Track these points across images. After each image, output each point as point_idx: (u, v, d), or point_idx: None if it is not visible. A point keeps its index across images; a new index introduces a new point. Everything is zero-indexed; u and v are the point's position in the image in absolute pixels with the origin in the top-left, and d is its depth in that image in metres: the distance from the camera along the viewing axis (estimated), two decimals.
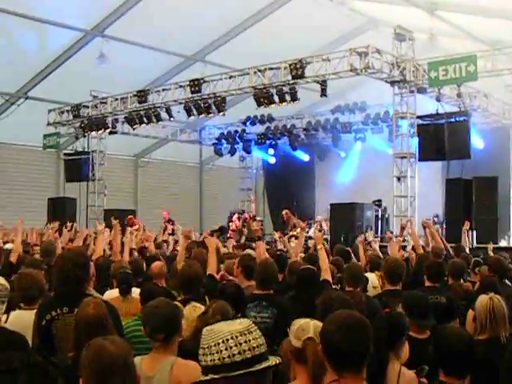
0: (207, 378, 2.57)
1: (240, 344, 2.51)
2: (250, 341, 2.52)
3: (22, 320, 5.70)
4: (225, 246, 14.19)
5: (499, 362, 4.77)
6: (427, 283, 8.00)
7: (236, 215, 30.62)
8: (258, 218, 30.36)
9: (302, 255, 11.09)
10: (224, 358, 2.52)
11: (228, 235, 24.80)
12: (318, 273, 7.74)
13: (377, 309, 6.66)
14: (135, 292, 7.59)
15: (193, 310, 6.00)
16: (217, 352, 2.53)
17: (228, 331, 2.55)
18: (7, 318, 5.70)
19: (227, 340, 2.53)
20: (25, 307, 6.02)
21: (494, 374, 4.72)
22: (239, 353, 2.50)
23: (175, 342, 4.56)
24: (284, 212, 27.42)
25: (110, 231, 11.96)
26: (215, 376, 2.54)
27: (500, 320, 5.65)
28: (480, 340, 5.64)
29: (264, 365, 2.53)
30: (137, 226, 18.24)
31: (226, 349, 2.52)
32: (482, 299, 5.80)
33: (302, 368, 3.97)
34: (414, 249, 11.53)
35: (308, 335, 3.99)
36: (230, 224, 29.92)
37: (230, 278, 8.58)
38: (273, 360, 2.57)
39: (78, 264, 5.51)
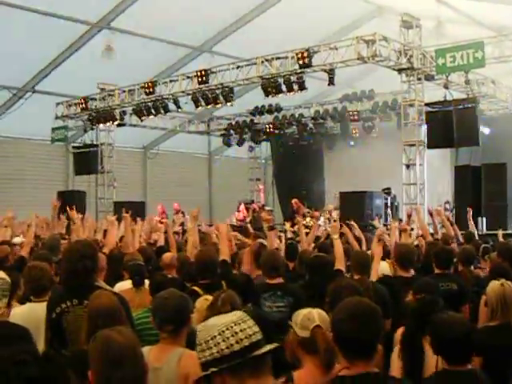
0: (207, 372, 2.57)
1: (236, 333, 2.52)
2: (245, 329, 2.54)
3: (35, 313, 5.71)
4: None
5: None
6: (437, 270, 7.98)
7: (242, 205, 30.54)
8: (267, 208, 30.38)
9: (313, 245, 11.08)
10: (223, 350, 2.53)
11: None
12: (330, 261, 7.74)
13: (384, 296, 6.65)
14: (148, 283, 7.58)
15: (204, 303, 6.01)
16: (215, 345, 2.54)
17: (222, 323, 2.56)
18: (9, 312, 5.72)
19: (223, 332, 2.55)
20: (35, 300, 6.01)
21: (507, 359, 4.73)
22: (237, 342, 2.51)
23: (184, 334, 4.52)
24: (293, 201, 27.36)
25: (119, 224, 11.94)
26: (215, 369, 2.55)
27: (511, 306, 5.62)
28: (492, 326, 5.66)
29: (263, 350, 2.54)
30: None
31: (224, 340, 2.53)
32: (494, 285, 5.76)
33: (311, 357, 3.99)
34: (423, 237, 11.52)
35: (315, 323, 4.01)
36: (237, 214, 29.87)
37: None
38: (270, 346, 2.59)
39: (87, 255, 5.49)
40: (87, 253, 5.55)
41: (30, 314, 5.77)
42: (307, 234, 11.61)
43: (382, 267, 7.85)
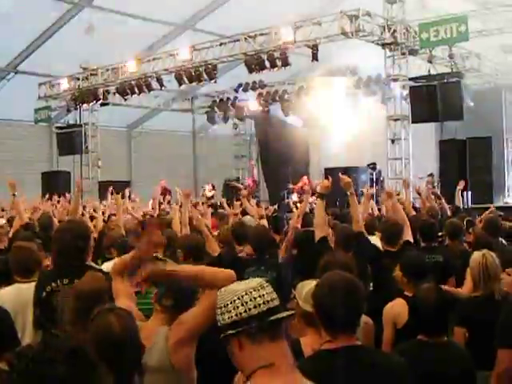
0: (225, 334, 2.66)
1: (255, 298, 2.61)
2: (264, 295, 2.62)
3: (22, 293, 5.69)
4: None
5: (494, 319, 4.80)
6: (422, 244, 8.06)
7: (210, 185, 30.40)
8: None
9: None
10: (241, 314, 2.62)
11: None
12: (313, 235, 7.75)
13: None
14: None
15: None
16: (233, 308, 2.63)
17: (242, 289, 2.65)
18: None
19: (242, 296, 2.63)
20: (22, 280, 5.98)
21: (490, 330, 4.76)
22: (255, 306, 2.60)
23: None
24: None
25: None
26: (233, 331, 2.64)
27: (493, 276, 5.71)
28: (475, 297, 5.79)
29: (280, 315, 2.63)
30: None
31: (242, 304, 2.62)
32: (476, 256, 5.89)
33: (312, 329, 4.04)
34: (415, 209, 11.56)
35: None
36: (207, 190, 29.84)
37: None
38: (287, 312, 2.71)
39: (79, 235, 5.47)
40: (80, 233, 5.53)
41: (17, 294, 5.74)
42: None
43: (373, 241, 7.85)
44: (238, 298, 2.63)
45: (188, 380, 4.11)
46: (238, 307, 2.62)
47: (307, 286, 4.21)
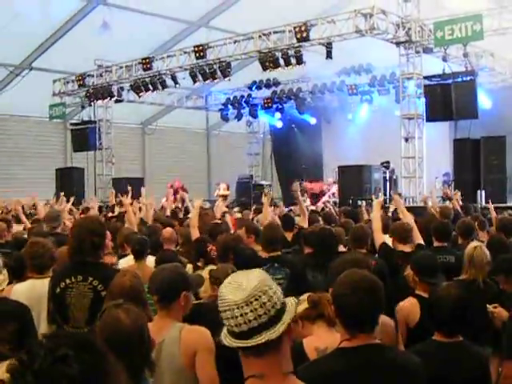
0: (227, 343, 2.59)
1: (236, 317, 2.50)
2: (246, 314, 2.49)
3: (37, 289, 5.72)
4: None
5: (473, 303, 4.95)
6: (436, 243, 8.07)
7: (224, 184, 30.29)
8: (265, 183, 30.51)
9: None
10: (232, 326, 2.54)
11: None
12: (334, 233, 7.87)
13: (382, 271, 6.70)
14: (149, 260, 7.58)
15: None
16: (226, 318, 2.55)
17: (231, 300, 2.52)
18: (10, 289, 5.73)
19: (225, 311, 2.55)
20: (36, 276, 6.01)
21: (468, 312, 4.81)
22: (236, 325, 2.51)
23: (176, 309, 4.40)
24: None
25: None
26: (227, 343, 2.57)
27: (478, 266, 6.28)
28: (460, 280, 6.23)
29: (258, 339, 2.49)
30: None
31: (227, 318, 2.55)
32: (469, 247, 6.48)
33: (316, 323, 4.11)
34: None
35: (306, 294, 4.17)
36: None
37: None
38: (274, 331, 2.51)
39: (95, 231, 5.43)
40: (96, 229, 5.49)
41: (31, 290, 5.78)
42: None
43: (386, 240, 7.89)
44: (224, 311, 2.54)
45: (194, 378, 4.15)
46: (228, 318, 2.54)
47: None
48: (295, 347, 3.96)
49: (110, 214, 15.63)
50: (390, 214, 12.67)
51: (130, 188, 14.89)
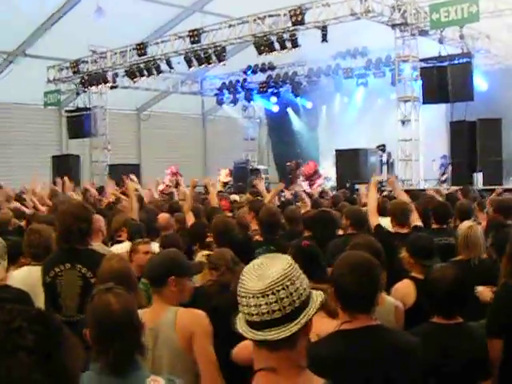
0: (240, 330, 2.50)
1: (250, 306, 2.40)
2: (260, 305, 2.37)
3: (33, 276, 5.71)
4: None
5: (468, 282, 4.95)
6: (434, 225, 8.07)
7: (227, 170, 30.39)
8: (261, 167, 30.55)
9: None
10: (245, 314, 2.44)
11: None
12: (333, 217, 7.92)
13: (379, 251, 6.69)
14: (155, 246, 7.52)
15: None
16: (241, 304, 2.45)
17: (249, 288, 2.41)
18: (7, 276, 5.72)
19: (247, 297, 2.42)
20: (33, 263, 6.00)
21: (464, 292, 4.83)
22: (248, 314, 2.41)
23: (170, 294, 4.34)
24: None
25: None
26: (239, 327, 2.49)
27: (473, 246, 6.26)
28: (455, 261, 6.19)
29: (268, 334, 2.39)
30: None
31: (242, 305, 2.45)
32: (463, 227, 6.58)
33: (324, 312, 4.10)
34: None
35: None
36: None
37: None
38: (286, 330, 2.39)
39: (81, 218, 5.38)
40: (82, 215, 5.43)
41: (28, 277, 5.77)
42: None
43: (384, 223, 7.86)
44: (241, 297, 2.43)
45: (192, 361, 4.14)
46: (242, 305, 2.43)
47: None
48: None
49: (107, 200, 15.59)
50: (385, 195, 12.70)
51: (133, 176, 14.91)
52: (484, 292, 5.74)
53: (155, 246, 7.32)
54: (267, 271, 2.41)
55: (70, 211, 5.53)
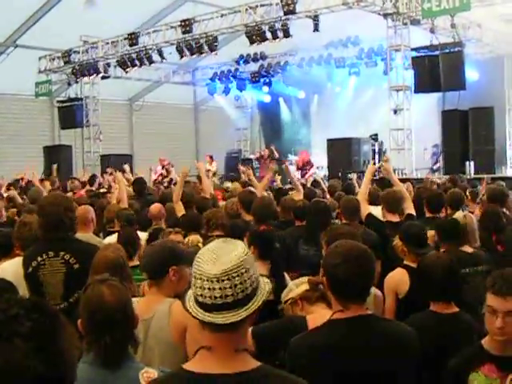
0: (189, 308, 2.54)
1: (204, 288, 2.43)
2: (214, 289, 2.42)
3: (20, 267, 5.74)
4: None
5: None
6: (428, 214, 8.09)
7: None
8: (254, 157, 30.49)
9: None
10: (198, 295, 2.48)
11: None
12: (328, 206, 8.02)
13: (373, 241, 6.73)
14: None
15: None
16: (194, 286, 2.49)
17: (205, 271, 2.45)
18: None
19: (202, 279, 2.46)
20: (22, 254, 6.01)
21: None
22: (201, 295, 2.45)
23: (167, 286, 4.38)
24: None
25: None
26: (188, 306, 2.53)
27: (468, 234, 6.46)
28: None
29: (217, 317, 2.44)
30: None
31: (200, 287, 2.46)
32: (458, 216, 6.82)
33: (316, 305, 4.11)
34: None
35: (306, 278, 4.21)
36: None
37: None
38: (235, 314, 2.44)
39: (66, 207, 5.47)
40: (66, 205, 5.53)
41: (17, 267, 5.78)
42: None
43: (377, 212, 7.89)
44: (195, 278, 2.47)
45: (184, 353, 4.14)
46: (195, 286, 2.47)
47: (288, 287, 4.55)
48: (298, 321, 3.98)
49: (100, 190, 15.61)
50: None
51: (126, 166, 14.95)
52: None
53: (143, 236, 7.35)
54: (223, 257, 2.46)
55: (54, 201, 5.58)
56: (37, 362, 1.63)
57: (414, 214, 7.77)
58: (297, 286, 4.44)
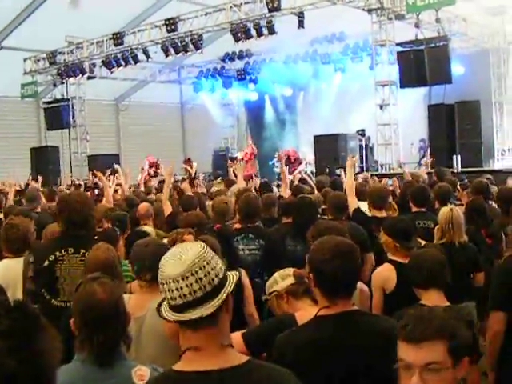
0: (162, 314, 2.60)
1: (172, 291, 2.50)
2: (181, 288, 2.48)
3: (9, 268, 5.72)
4: None
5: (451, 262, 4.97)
6: (414, 209, 8.11)
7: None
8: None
9: None
10: (169, 299, 2.54)
11: None
12: (314, 202, 7.95)
13: (361, 235, 6.75)
14: None
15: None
16: (163, 291, 2.56)
17: (168, 273, 2.51)
18: None
19: (163, 284, 2.54)
20: (11, 256, 5.99)
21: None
22: (171, 298, 2.51)
23: None
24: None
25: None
26: (165, 314, 2.58)
27: (456, 228, 6.35)
28: (440, 244, 6.22)
29: (192, 314, 2.49)
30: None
31: (165, 291, 2.54)
32: (444, 210, 6.54)
33: (302, 299, 4.16)
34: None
35: (292, 270, 4.27)
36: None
37: None
38: (209, 307, 2.50)
39: (90, 205, 5.62)
40: (90, 203, 5.73)
41: (6, 269, 5.77)
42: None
43: (363, 208, 7.92)
44: (162, 284, 2.54)
45: (179, 348, 4.14)
46: (164, 292, 2.54)
47: (273, 277, 4.54)
48: (287, 320, 3.97)
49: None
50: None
51: (117, 166, 14.91)
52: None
53: None
54: (183, 256, 2.52)
55: (73, 199, 5.63)
56: (14, 362, 1.62)
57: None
58: (282, 279, 4.42)
